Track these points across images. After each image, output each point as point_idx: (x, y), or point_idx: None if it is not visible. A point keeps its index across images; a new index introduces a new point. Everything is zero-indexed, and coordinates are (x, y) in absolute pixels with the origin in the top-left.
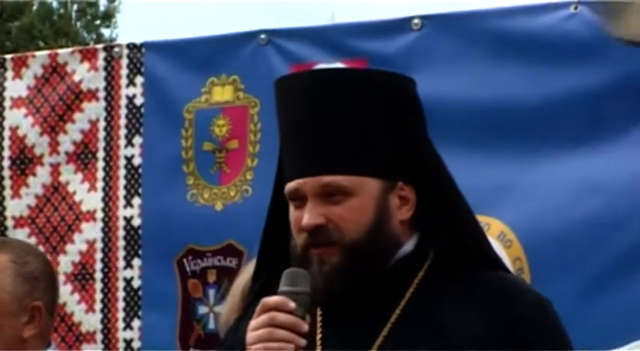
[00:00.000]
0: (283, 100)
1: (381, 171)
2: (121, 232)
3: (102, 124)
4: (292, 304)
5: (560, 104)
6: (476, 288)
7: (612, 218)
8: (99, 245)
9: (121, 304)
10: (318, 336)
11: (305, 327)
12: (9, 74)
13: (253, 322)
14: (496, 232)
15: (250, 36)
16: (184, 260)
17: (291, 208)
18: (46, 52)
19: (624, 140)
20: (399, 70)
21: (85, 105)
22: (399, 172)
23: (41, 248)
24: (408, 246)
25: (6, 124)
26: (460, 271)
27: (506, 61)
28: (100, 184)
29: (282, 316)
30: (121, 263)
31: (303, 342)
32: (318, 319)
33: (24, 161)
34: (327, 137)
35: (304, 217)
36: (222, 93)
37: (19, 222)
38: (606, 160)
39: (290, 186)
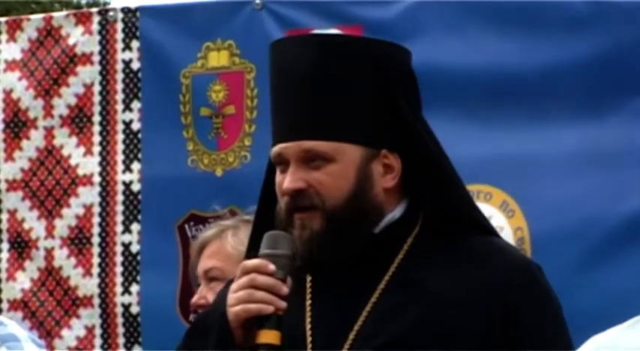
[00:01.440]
0: (272, 65)
1: (363, 138)
2: (120, 197)
3: (97, 88)
4: (272, 267)
5: (558, 74)
6: (463, 254)
7: (614, 189)
8: (96, 209)
9: (119, 269)
10: (308, 302)
11: (285, 289)
12: (3, 37)
13: (234, 285)
14: (498, 201)
15: (245, 1)
16: (186, 226)
17: (277, 173)
18: (40, 16)
19: (625, 111)
20: (394, 37)
21: (79, 69)
22: (383, 140)
23: (35, 211)
24: (396, 213)
25: (0, 86)
26: (449, 237)
27: (503, 30)
28: (96, 149)
29: (261, 278)
30: (120, 228)
31: (282, 304)
32: (308, 285)
33: (17, 124)
34: (310, 103)
35: (285, 181)
36: (218, 58)
37: (12, 185)
38: (607, 131)
39: (274, 150)
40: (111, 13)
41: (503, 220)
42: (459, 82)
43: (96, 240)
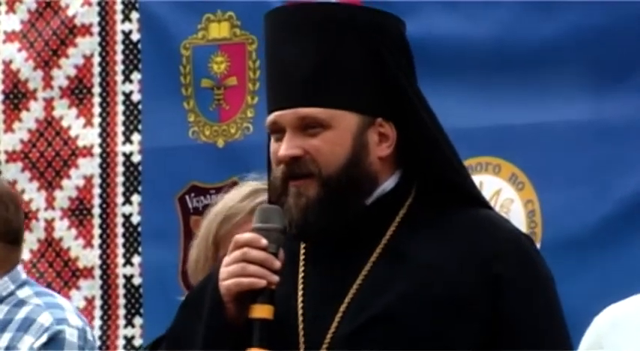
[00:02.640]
0: (267, 33)
1: (359, 105)
2: (120, 168)
3: (97, 59)
4: (264, 241)
5: (564, 46)
6: (454, 225)
7: (624, 160)
8: (97, 181)
9: (120, 240)
10: (300, 275)
11: (277, 264)
12: (2, 8)
13: (226, 259)
14: (507, 174)
15: None
16: (186, 197)
17: (272, 141)
18: None
19: (631, 84)
20: (396, 10)
21: (79, 40)
22: (379, 108)
23: (35, 183)
24: (389, 183)
25: None
26: (441, 208)
27: (505, 2)
28: (96, 120)
29: (253, 252)
30: (120, 199)
31: (275, 278)
32: (301, 256)
33: (17, 96)
34: (306, 70)
35: (281, 148)
36: (218, 29)
37: (12, 156)
38: (613, 103)
39: (269, 119)
40: None
41: (513, 192)
42: (467, 56)
43: (96, 211)
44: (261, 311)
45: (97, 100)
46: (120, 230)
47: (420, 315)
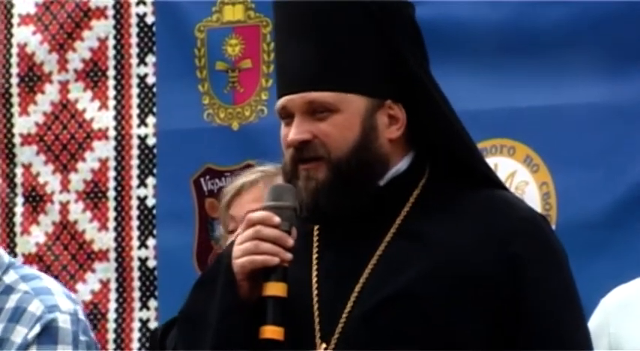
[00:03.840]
0: (275, 18)
1: (367, 89)
2: (135, 151)
3: (111, 42)
4: (277, 219)
5: (577, 27)
6: (468, 205)
7: (635, 143)
8: (112, 163)
9: (135, 223)
10: (314, 256)
11: (290, 241)
12: None
13: (239, 237)
14: (522, 156)
15: None
16: (201, 179)
17: (282, 126)
18: None
19: None
20: None
21: (93, 23)
22: (388, 90)
23: (50, 166)
24: (402, 164)
25: (14, 41)
26: (455, 189)
27: None
28: (111, 103)
29: (267, 230)
30: (135, 182)
31: (288, 256)
32: (315, 239)
33: (32, 78)
34: (313, 54)
35: (290, 132)
36: (233, 12)
37: (27, 139)
38: (628, 85)
39: (279, 103)
40: None
41: (528, 174)
42: (481, 38)
43: (111, 194)
44: (275, 289)
45: (111, 82)
46: (135, 213)
47: (437, 294)
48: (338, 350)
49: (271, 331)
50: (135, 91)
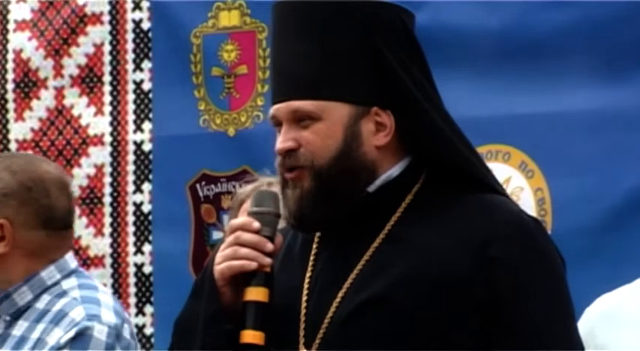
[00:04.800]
0: (272, 23)
1: (350, 96)
2: (131, 157)
3: (107, 48)
4: (256, 224)
5: (573, 34)
6: (459, 210)
7: (634, 149)
8: (107, 169)
9: (131, 229)
10: (310, 261)
11: (269, 246)
12: None
13: (222, 244)
14: (517, 161)
15: None
16: (197, 185)
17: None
18: None
19: None
20: None
21: (89, 29)
22: (374, 98)
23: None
24: (395, 170)
25: (10, 46)
26: (449, 194)
27: None
28: (107, 109)
29: (245, 235)
30: (131, 188)
31: (267, 260)
32: (315, 245)
33: (28, 84)
34: (298, 63)
35: (277, 141)
36: (228, 18)
37: (23, 145)
38: (624, 91)
39: (270, 112)
40: None
41: (523, 180)
42: (478, 44)
43: (107, 200)
44: (255, 294)
45: (107, 88)
46: (131, 219)
47: (415, 297)
48: None
49: (251, 336)
50: (131, 96)
